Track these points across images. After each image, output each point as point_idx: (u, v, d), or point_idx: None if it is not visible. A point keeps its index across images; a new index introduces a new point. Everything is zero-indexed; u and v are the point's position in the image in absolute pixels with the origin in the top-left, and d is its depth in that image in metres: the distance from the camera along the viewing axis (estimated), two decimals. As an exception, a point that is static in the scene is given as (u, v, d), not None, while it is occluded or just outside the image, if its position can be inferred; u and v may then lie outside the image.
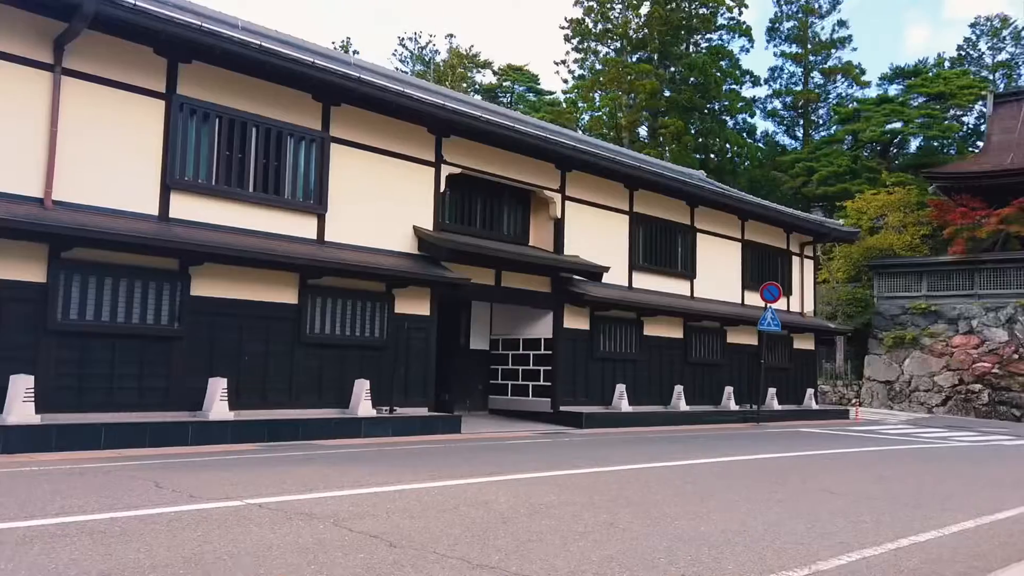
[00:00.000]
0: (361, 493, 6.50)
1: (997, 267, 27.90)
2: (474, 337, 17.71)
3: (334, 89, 12.59)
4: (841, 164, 40.61)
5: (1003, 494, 8.07)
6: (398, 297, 13.71)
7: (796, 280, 23.72)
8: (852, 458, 11.46)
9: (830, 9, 48.77)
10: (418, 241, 14.21)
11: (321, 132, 12.94)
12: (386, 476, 7.58)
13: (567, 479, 7.86)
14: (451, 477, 7.66)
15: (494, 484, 7.29)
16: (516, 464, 8.99)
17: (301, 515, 5.48)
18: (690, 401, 19.03)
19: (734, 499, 6.98)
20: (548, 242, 16.91)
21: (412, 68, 57.59)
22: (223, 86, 11.82)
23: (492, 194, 16.41)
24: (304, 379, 12.44)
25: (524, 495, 6.71)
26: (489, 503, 6.24)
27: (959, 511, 6.88)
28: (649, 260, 18.98)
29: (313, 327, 12.59)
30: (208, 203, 11.58)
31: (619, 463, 9.46)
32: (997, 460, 12.17)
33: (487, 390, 17.87)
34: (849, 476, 9.09)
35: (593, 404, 16.99)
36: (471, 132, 14.62)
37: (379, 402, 13.16)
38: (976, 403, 27.12)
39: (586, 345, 17.13)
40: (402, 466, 8.50)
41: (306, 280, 12.50)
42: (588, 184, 17.42)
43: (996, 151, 31.32)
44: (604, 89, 43.97)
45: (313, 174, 12.80)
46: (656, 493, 7.16)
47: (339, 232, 13.10)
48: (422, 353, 14.04)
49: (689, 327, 19.56)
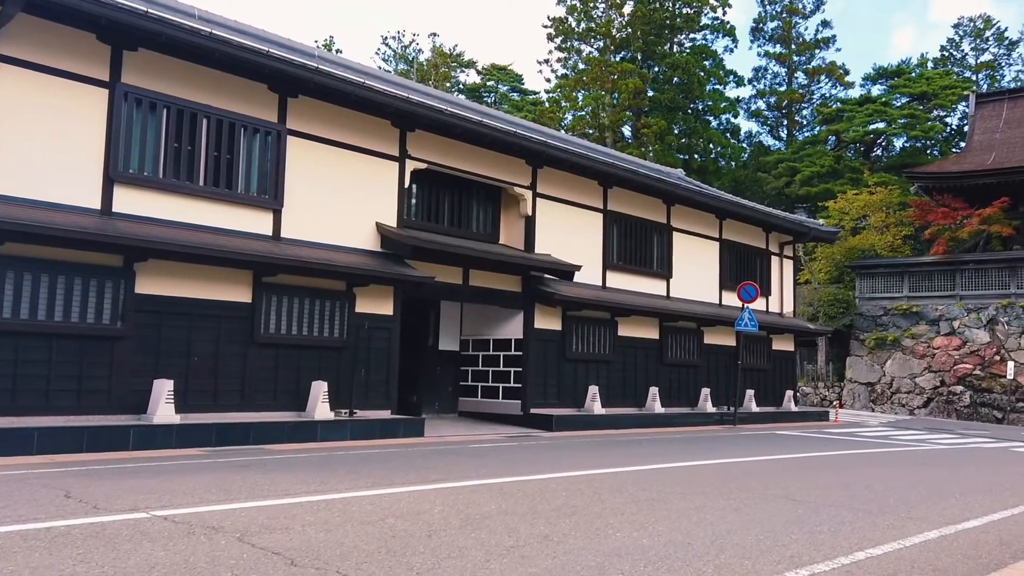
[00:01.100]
0: (284, 503, 6.05)
1: (978, 268, 27.69)
2: (443, 338, 17.26)
3: (290, 79, 12.14)
4: (824, 164, 40.43)
5: (973, 500, 7.71)
6: (359, 296, 13.25)
7: (775, 280, 23.40)
8: (823, 462, 11.09)
9: (814, 9, 48.67)
10: (381, 238, 13.76)
11: (277, 124, 12.47)
12: (322, 484, 7.14)
13: (516, 486, 7.43)
14: (392, 484, 7.23)
15: (435, 492, 6.85)
16: (467, 470, 8.56)
17: (206, 528, 5.03)
18: (666, 403, 18.65)
19: (687, 507, 6.57)
20: (519, 240, 16.49)
21: (395, 67, 57.12)
22: (172, 75, 11.34)
23: (460, 190, 15.98)
24: (258, 381, 11.96)
25: (463, 504, 6.28)
26: (421, 513, 5.80)
27: (924, 520, 6.49)
28: (624, 259, 18.59)
29: (268, 327, 12.12)
30: (155, 197, 11.09)
31: (578, 468, 9.04)
32: (972, 464, 11.83)
33: (457, 392, 17.43)
34: (815, 481, 8.71)
35: (565, 406, 16.58)
36: (437, 126, 14.19)
37: (338, 405, 12.71)
38: (958, 405, 26.89)
39: (558, 346, 16.71)
40: (345, 472, 8.06)
41: (260, 278, 12.03)
42: (560, 181, 17.02)
43: (978, 151, 31.15)
44: (587, 88, 43.61)
45: (268, 168, 12.33)
46: (606, 501, 6.74)
47: (296, 228, 12.64)
48: (384, 354, 13.58)
49: (665, 327, 19.18)
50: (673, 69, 43.38)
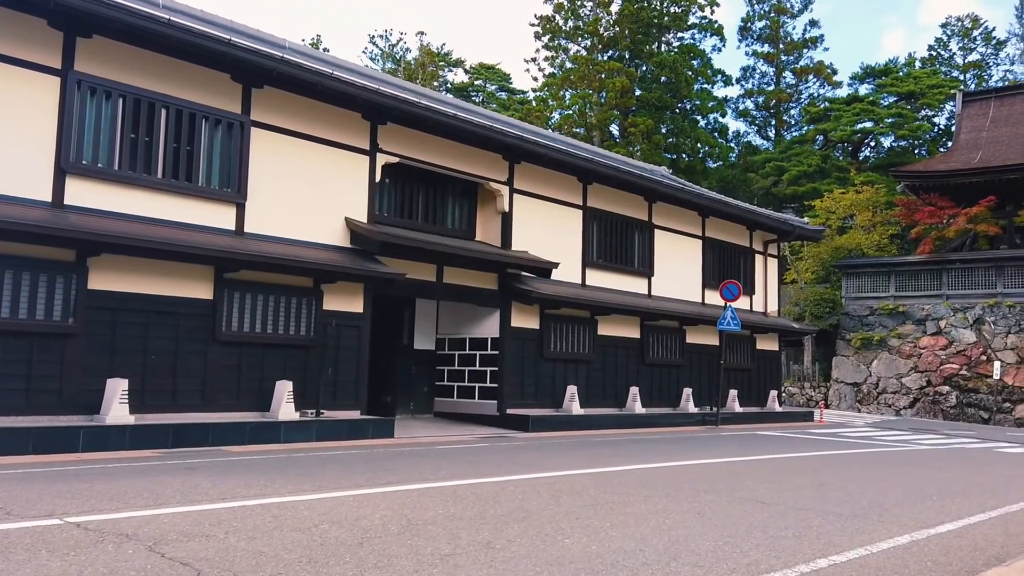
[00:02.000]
0: (216, 508, 5.68)
1: (965, 267, 27.49)
2: (419, 336, 16.89)
3: (254, 69, 11.75)
4: (811, 164, 40.23)
5: (949, 503, 7.39)
6: (327, 293, 12.88)
7: (759, 279, 23.11)
8: (800, 463, 10.77)
9: (802, 9, 48.51)
10: (351, 234, 13.40)
11: (241, 115, 12.09)
12: (266, 487, 6.77)
13: (471, 489, 7.08)
14: (340, 488, 6.86)
15: (382, 496, 6.49)
16: (426, 472, 8.20)
17: (118, 536, 4.66)
18: (647, 403, 18.33)
19: (647, 511, 6.23)
20: (496, 237, 16.14)
21: (383, 66, 56.72)
22: (128, 63, 10.95)
23: (435, 186, 15.62)
24: (219, 380, 11.57)
25: (409, 508, 5.92)
26: (359, 519, 5.44)
27: (896, 523, 6.17)
28: (604, 257, 18.26)
29: (230, 324, 11.73)
30: (110, 189, 10.69)
31: (543, 470, 8.70)
32: (954, 465, 11.53)
33: (433, 392, 17.05)
34: (788, 483, 8.38)
35: (543, 407, 16.24)
36: (409, 119, 13.83)
37: (304, 405, 12.34)
38: (944, 405, 26.67)
39: (535, 345, 16.36)
40: (296, 475, 7.69)
41: (222, 274, 11.64)
42: (538, 177, 16.67)
43: (964, 150, 30.97)
44: (574, 87, 43.31)
45: (231, 160, 11.93)
46: (563, 504, 6.40)
47: (261, 223, 12.25)
48: (354, 353, 13.21)
49: (646, 326, 18.85)
50: (660, 68, 43.12)
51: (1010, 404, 25.56)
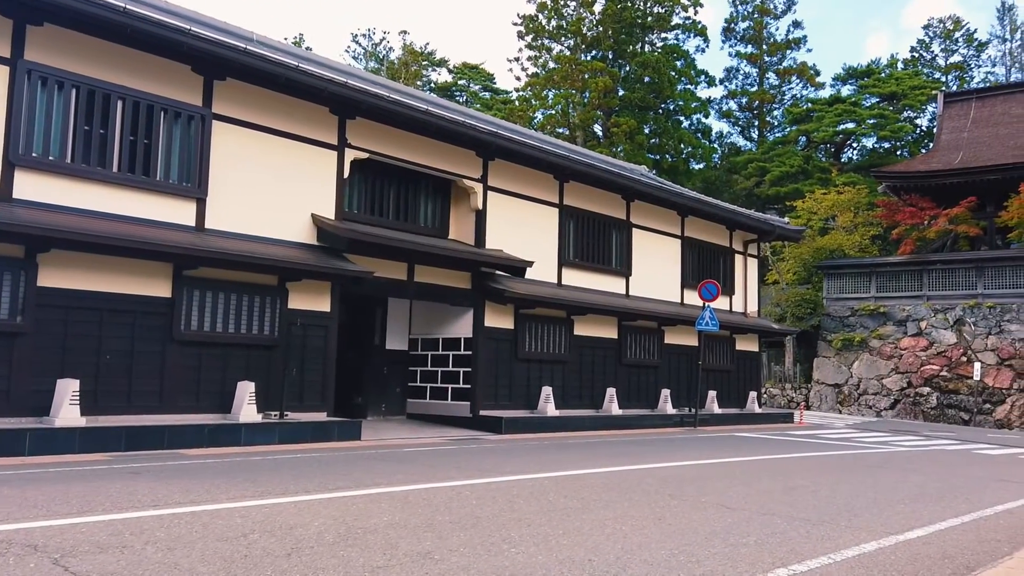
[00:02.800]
0: (144, 516, 5.35)
1: (945, 268, 27.42)
2: (391, 336, 16.55)
3: (215, 60, 11.38)
4: (793, 164, 40.17)
5: (921, 508, 7.15)
6: (293, 291, 12.53)
7: (739, 279, 22.91)
8: (773, 466, 10.52)
9: (785, 10, 48.51)
10: (317, 231, 13.05)
11: (202, 108, 11.72)
12: (206, 493, 6.43)
13: (424, 494, 6.77)
14: (284, 494, 6.53)
15: (327, 502, 6.17)
16: (382, 476, 7.88)
17: (25, 548, 4.32)
18: (624, 404, 18.07)
19: (605, 518, 5.94)
20: (469, 235, 15.83)
21: (366, 65, 56.30)
22: (83, 53, 10.56)
23: (407, 183, 15.29)
24: (178, 381, 11.19)
25: (352, 516, 5.61)
26: (295, 528, 5.13)
27: (865, 529, 5.92)
28: (581, 256, 17.99)
29: (190, 323, 11.36)
30: (62, 183, 10.30)
31: (506, 473, 8.40)
32: (931, 467, 11.33)
33: (405, 393, 16.71)
34: (758, 487, 8.12)
35: (517, 408, 15.94)
36: (378, 113, 13.50)
37: (268, 407, 11.99)
38: (925, 406, 26.58)
39: (510, 345, 16.06)
40: (243, 480, 7.35)
41: (181, 271, 11.26)
42: (513, 174, 16.38)
43: (945, 150, 30.95)
44: (557, 87, 43.07)
45: (192, 154, 11.56)
46: (518, 510, 6.10)
47: (223, 219, 11.89)
48: (320, 353, 12.86)
49: (624, 327, 18.59)
50: (643, 68, 42.94)
51: (990, 405, 25.49)
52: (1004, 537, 5.95)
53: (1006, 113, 31.48)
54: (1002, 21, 48.53)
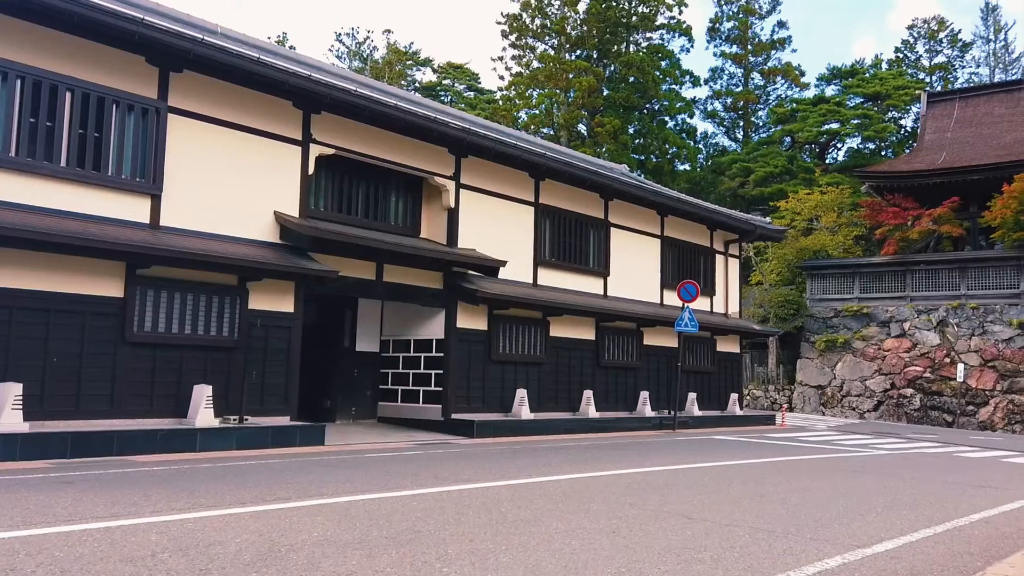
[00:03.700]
0: (50, 532, 4.93)
1: (929, 269, 27.24)
2: (361, 337, 16.13)
3: (170, 51, 10.97)
4: (778, 165, 39.98)
5: (894, 517, 6.82)
6: (253, 291, 12.11)
7: (720, 279, 22.61)
8: (747, 471, 10.18)
9: (770, 10, 48.37)
10: (280, 229, 12.64)
11: (157, 101, 11.29)
12: (132, 505, 6.02)
13: (368, 505, 6.38)
14: (218, 505, 6.13)
15: (258, 515, 5.77)
16: (329, 485, 7.49)
17: (-102, 572, 3.91)
18: (602, 407, 17.73)
19: (555, 531, 5.57)
20: (441, 234, 15.45)
21: (350, 64, 55.80)
22: (27, 42, 10.12)
23: (377, 180, 14.89)
24: (131, 384, 10.76)
25: (280, 531, 5.21)
26: (213, 545, 4.73)
27: (831, 542, 5.57)
28: (557, 255, 17.63)
29: (143, 324, 10.93)
30: (6, 178, 9.86)
31: (463, 481, 8.02)
32: (909, 471, 11.02)
33: (377, 396, 16.30)
34: (726, 495, 7.77)
35: (491, 411, 15.56)
36: (344, 108, 13.11)
37: (228, 411, 11.56)
38: (908, 408, 26.37)
39: (483, 347, 15.68)
40: (181, 490, 6.93)
41: (134, 270, 10.84)
42: (487, 171, 16.01)
43: (929, 150, 30.79)
44: (541, 86, 42.74)
45: (146, 148, 11.14)
46: (464, 523, 5.72)
47: (180, 216, 11.46)
48: (283, 355, 12.44)
49: (602, 328, 18.25)
50: (628, 68, 42.66)
51: (973, 407, 25.30)
52: (978, 550, 5.62)
53: (989, 113, 31.36)
54: (986, 22, 48.57)
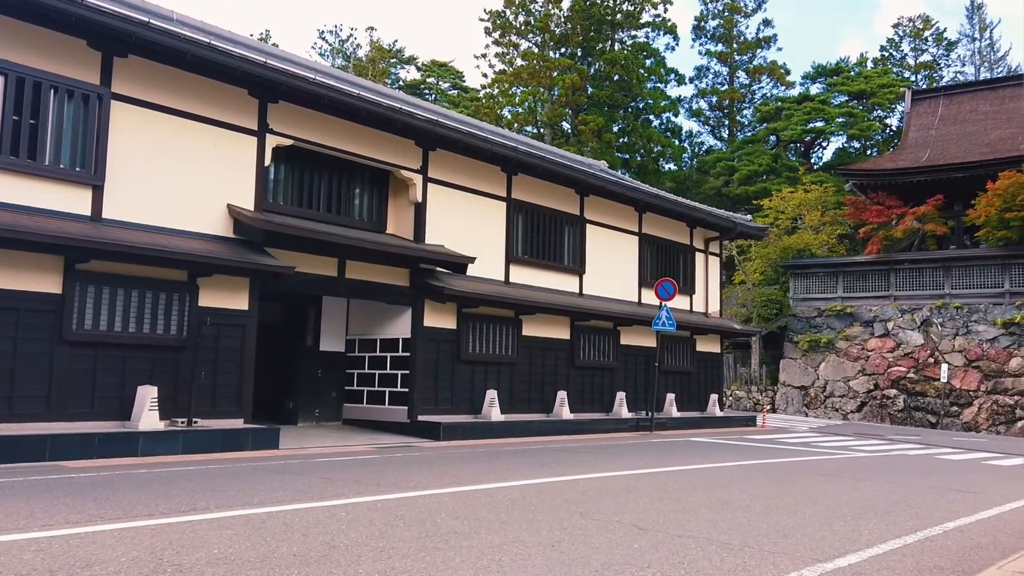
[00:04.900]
0: (-89, 551, 4.40)
1: (913, 267, 26.89)
2: (326, 337, 15.59)
3: (112, 35, 10.39)
4: (762, 163, 39.64)
5: (864, 526, 6.35)
6: (204, 288, 11.55)
7: (700, 278, 22.17)
8: (716, 475, 9.70)
9: (756, 8, 48.05)
10: (234, 223, 12.09)
11: (100, 87, 10.72)
12: (22, 520, 5.47)
13: (287, 517, 5.85)
14: (122, 518, 5.60)
15: (159, 529, 5.24)
16: (256, 494, 6.95)
17: None
18: (577, 408, 17.23)
19: (489, 546, 5.07)
20: (408, 230, 14.91)
21: (333, 62, 55.17)
22: (-44, 23, 9.57)
23: (341, 173, 14.34)
24: (69, 386, 10.17)
25: (175, 548, 4.69)
26: (91, 565, 4.20)
27: (788, 555, 5.09)
28: (531, 253, 17.13)
29: (83, 322, 10.35)
30: (-70, 166, 9.30)
31: (409, 489, 7.51)
32: (885, 475, 10.57)
33: (342, 398, 15.75)
34: (687, 502, 7.28)
35: (459, 413, 15.04)
36: (302, 96, 12.56)
37: (176, 413, 11.00)
38: (891, 409, 26.00)
39: (452, 346, 15.15)
40: (91, 500, 6.39)
41: (74, 265, 10.27)
42: (456, 165, 15.49)
43: (913, 148, 30.47)
44: (525, 84, 42.27)
45: (87, 137, 10.57)
46: (388, 537, 5.20)
47: (125, 208, 10.89)
48: (236, 354, 11.88)
49: (577, 327, 17.75)
50: (612, 66, 42.24)
51: (957, 408, 24.96)
52: (949, 564, 5.15)
53: (974, 111, 31.08)
54: (971, 20, 48.42)
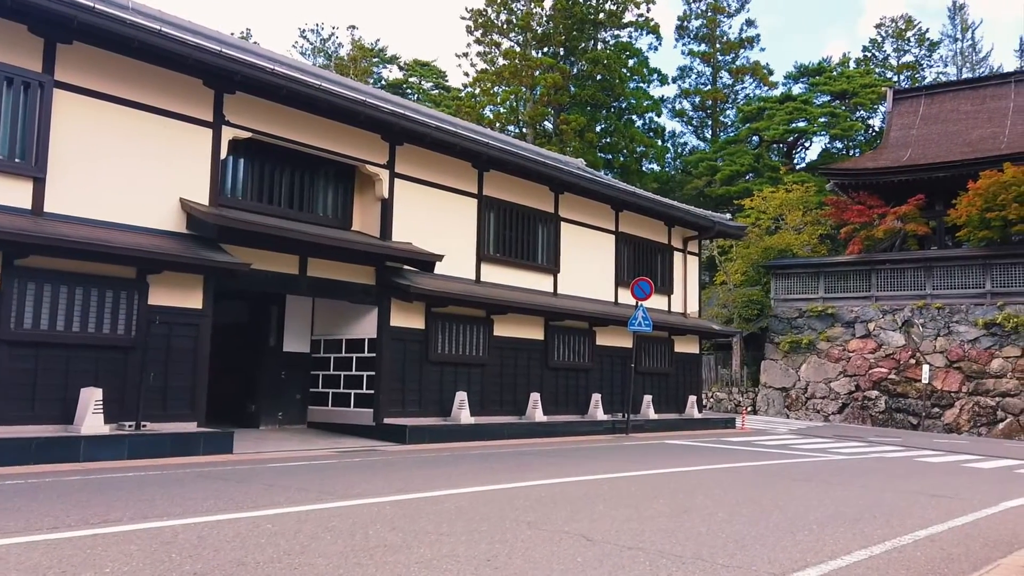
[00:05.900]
0: None
1: (894, 268, 26.67)
2: (289, 337, 15.11)
3: (53, 19, 9.92)
4: (744, 163, 39.43)
5: (829, 535, 5.96)
6: (155, 285, 11.06)
7: (678, 277, 21.82)
8: (682, 480, 9.31)
9: (739, 8, 47.88)
10: (187, 218, 11.61)
11: (41, 75, 10.22)
12: (-86, 531, 5.02)
13: (203, 529, 5.40)
14: (25, 531, 5.15)
15: (53, 545, 4.78)
16: (181, 504, 6.50)
17: None
18: (551, 410, 16.82)
19: (422, 559, 4.64)
20: (375, 226, 14.47)
21: (314, 61, 54.62)
22: None
23: (304, 168, 13.88)
24: (7, 388, 9.66)
25: (63, 567, 4.25)
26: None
27: (744, 569, 4.69)
28: (503, 251, 16.72)
29: (22, 321, 9.85)
30: None
31: (352, 497, 7.07)
32: (860, 479, 10.22)
33: (307, 400, 15.28)
34: (646, 510, 6.87)
35: (428, 415, 14.60)
36: (260, 87, 12.10)
37: (124, 416, 10.51)
38: (873, 411, 25.75)
39: (420, 347, 14.71)
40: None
41: (12, 261, 9.77)
42: (425, 160, 15.06)
43: (894, 147, 30.29)
44: (507, 83, 41.87)
45: (26, 127, 10.07)
46: (309, 552, 4.77)
47: (69, 202, 10.40)
48: (189, 355, 11.39)
49: (551, 327, 17.35)
50: (595, 65, 41.91)
51: (939, 409, 24.73)
52: (917, 578, 4.77)
53: (955, 110, 30.94)
54: (953, 21, 48.49)
